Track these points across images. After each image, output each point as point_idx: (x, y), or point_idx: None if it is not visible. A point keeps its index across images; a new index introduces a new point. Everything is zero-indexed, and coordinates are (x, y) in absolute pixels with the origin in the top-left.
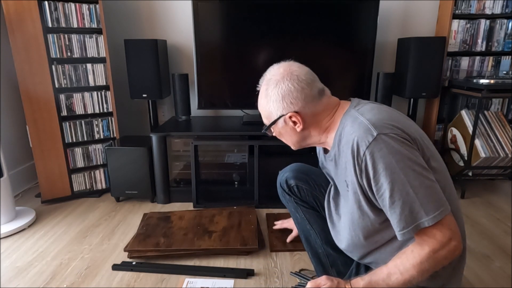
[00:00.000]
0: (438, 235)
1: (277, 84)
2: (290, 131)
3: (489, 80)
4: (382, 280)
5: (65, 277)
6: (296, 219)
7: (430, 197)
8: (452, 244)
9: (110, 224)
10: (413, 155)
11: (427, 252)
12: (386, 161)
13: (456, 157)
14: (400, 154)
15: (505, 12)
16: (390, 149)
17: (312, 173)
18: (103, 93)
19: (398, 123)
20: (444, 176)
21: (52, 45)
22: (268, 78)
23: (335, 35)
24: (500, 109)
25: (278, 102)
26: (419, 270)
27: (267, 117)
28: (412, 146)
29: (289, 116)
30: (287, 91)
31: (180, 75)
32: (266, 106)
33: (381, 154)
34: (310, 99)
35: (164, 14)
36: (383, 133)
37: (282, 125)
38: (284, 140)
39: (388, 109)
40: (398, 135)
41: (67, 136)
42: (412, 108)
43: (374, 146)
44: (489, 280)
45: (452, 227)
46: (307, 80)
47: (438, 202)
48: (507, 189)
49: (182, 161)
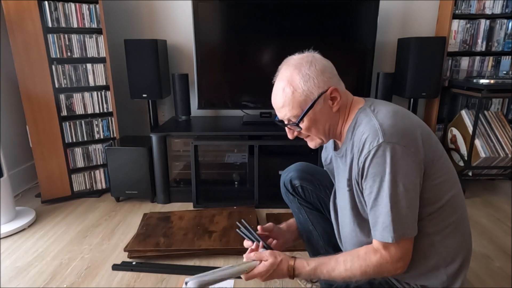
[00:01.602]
0: (392, 251)
1: (311, 63)
2: (327, 113)
3: (489, 80)
4: (326, 271)
5: (65, 277)
6: (298, 220)
7: (403, 217)
8: (399, 264)
9: (110, 224)
10: (407, 171)
11: (377, 260)
12: (381, 169)
13: (456, 157)
14: (396, 166)
15: (505, 12)
16: (389, 159)
17: (317, 174)
18: (103, 93)
19: (409, 132)
20: (450, 177)
21: (52, 45)
22: (295, 62)
23: (335, 35)
24: (500, 109)
25: (318, 78)
26: (362, 273)
27: (301, 104)
28: (412, 161)
29: (330, 92)
30: (323, 67)
31: (180, 75)
32: (301, 90)
33: (378, 160)
34: (338, 77)
35: (164, 14)
36: (389, 142)
37: (320, 107)
38: (315, 131)
39: (403, 114)
40: (404, 147)
41: (67, 136)
42: (412, 108)
43: (377, 152)
44: (489, 280)
45: (407, 251)
46: (331, 62)
47: (408, 224)
48: (507, 189)
49: (182, 161)
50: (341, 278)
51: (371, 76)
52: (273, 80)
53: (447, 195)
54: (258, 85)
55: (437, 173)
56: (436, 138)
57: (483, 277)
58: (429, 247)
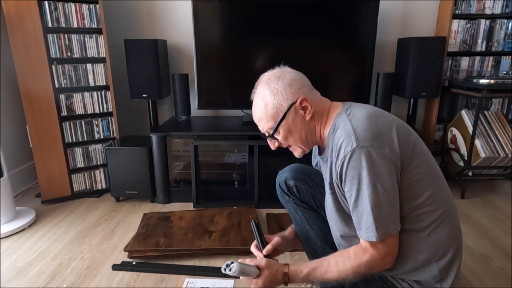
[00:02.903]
0: (380, 248)
1: (279, 77)
2: (300, 123)
3: (489, 80)
4: (320, 275)
5: (65, 277)
6: (295, 220)
7: (384, 216)
8: (387, 259)
9: (110, 224)
10: (382, 172)
11: (367, 259)
12: (357, 172)
13: (456, 157)
14: (371, 168)
15: (505, 12)
16: (364, 162)
17: (312, 174)
18: (103, 93)
19: (383, 133)
20: (430, 173)
21: (52, 45)
22: (266, 78)
23: (335, 35)
24: (500, 109)
25: (286, 90)
26: (355, 272)
27: (274, 116)
28: (386, 161)
29: (299, 102)
30: (291, 79)
31: (180, 75)
32: (271, 104)
33: (354, 164)
34: (310, 87)
35: (164, 14)
36: (362, 146)
37: (292, 117)
38: (292, 141)
39: (378, 115)
40: (377, 149)
41: (67, 136)
42: (412, 108)
43: (351, 156)
44: (489, 280)
45: (393, 246)
46: (302, 74)
47: (390, 221)
48: (507, 189)
49: (182, 161)
50: (334, 280)
51: (371, 76)
52: (251, 97)
53: (428, 191)
54: None
55: (415, 170)
56: (414, 136)
57: (483, 277)
58: (418, 242)
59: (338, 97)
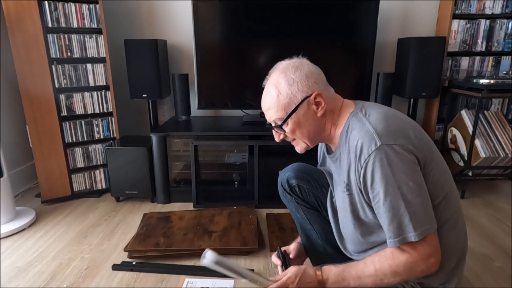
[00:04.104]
0: (420, 249)
1: (297, 68)
2: (311, 118)
3: (489, 80)
4: (355, 273)
5: (65, 277)
6: (296, 219)
7: (420, 214)
8: (431, 260)
9: (110, 224)
10: (411, 169)
11: (405, 259)
12: (385, 172)
13: (456, 157)
14: (398, 167)
15: (505, 12)
16: (390, 161)
17: (314, 173)
18: (103, 93)
19: (403, 132)
20: (445, 175)
21: (52, 45)
22: (283, 67)
23: (335, 35)
24: (500, 109)
25: (302, 82)
26: (393, 272)
27: (285, 107)
28: (412, 159)
29: (314, 96)
30: (309, 71)
31: (180, 75)
32: (285, 93)
33: (380, 164)
34: (326, 83)
35: (164, 14)
36: (387, 144)
37: (304, 111)
38: (299, 135)
39: (394, 115)
40: (401, 146)
41: (67, 136)
42: (412, 108)
43: (376, 156)
44: (489, 280)
45: (434, 245)
46: (319, 69)
47: (427, 219)
48: (507, 189)
49: (182, 161)
50: (371, 281)
51: (371, 76)
52: (263, 83)
53: (444, 191)
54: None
55: (435, 169)
56: (428, 138)
57: (483, 277)
58: None
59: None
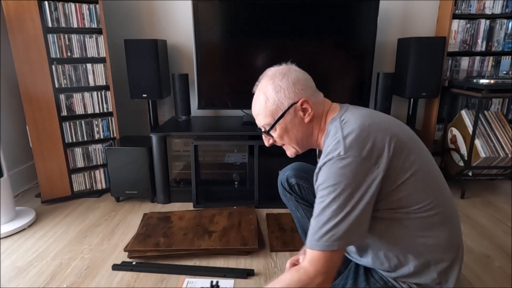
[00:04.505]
0: (315, 265)
1: (285, 74)
2: (298, 124)
3: (489, 80)
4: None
5: (65, 277)
6: (296, 218)
7: (347, 229)
8: (319, 279)
9: (110, 224)
10: (365, 182)
11: (298, 277)
12: (332, 180)
13: (456, 157)
14: (348, 179)
15: (505, 12)
16: (343, 170)
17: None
18: (103, 93)
19: (373, 143)
20: (428, 187)
21: (52, 45)
22: (271, 73)
23: (335, 35)
24: (500, 109)
25: (289, 89)
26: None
27: (272, 113)
28: (372, 173)
29: (300, 103)
30: (296, 78)
31: (180, 75)
32: (272, 100)
33: (332, 171)
34: (314, 89)
35: (164, 14)
36: (348, 154)
37: (290, 117)
38: (287, 140)
39: (371, 123)
40: (363, 158)
41: (67, 136)
42: (412, 108)
43: (334, 163)
44: (489, 280)
45: (333, 263)
46: (308, 75)
47: (347, 235)
48: (507, 189)
49: (182, 161)
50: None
51: (371, 76)
52: (253, 89)
53: (423, 202)
54: None
55: (407, 182)
56: (411, 143)
57: (483, 277)
58: (415, 246)
59: (338, 97)
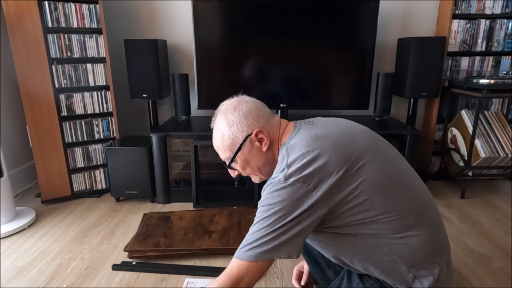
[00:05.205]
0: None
1: (236, 108)
2: (257, 153)
3: (489, 80)
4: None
5: (65, 277)
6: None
7: (269, 245)
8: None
9: (110, 224)
10: (299, 206)
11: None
12: (269, 200)
13: (456, 157)
14: (283, 201)
15: (505, 12)
16: (279, 192)
17: None
18: (103, 93)
19: (316, 167)
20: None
21: (52, 45)
22: (224, 108)
23: (335, 35)
24: (500, 109)
25: (241, 122)
26: None
27: (230, 147)
28: (311, 195)
29: (255, 134)
30: (247, 110)
31: (180, 75)
32: (227, 135)
33: (271, 191)
34: (268, 116)
35: (164, 14)
36: (287, 180)
37: (248, 149)
38: (250, 170)
39: (321, 143)
40: (302, 181)
41: (67, 136)
42: (412, 108)
43: (273, 185)
44: (489, 280)
45: (255, 276)
46: (260, 102)
47: (272, 249)
48: (507, 189)
49: (182, 161)
50: None
51: (371, 76)
52: (211, 125)
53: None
54: (259, 85)
55: (362, 195)
56: (382, 154)
57: (483, 277)
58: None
59: (338, 98)
